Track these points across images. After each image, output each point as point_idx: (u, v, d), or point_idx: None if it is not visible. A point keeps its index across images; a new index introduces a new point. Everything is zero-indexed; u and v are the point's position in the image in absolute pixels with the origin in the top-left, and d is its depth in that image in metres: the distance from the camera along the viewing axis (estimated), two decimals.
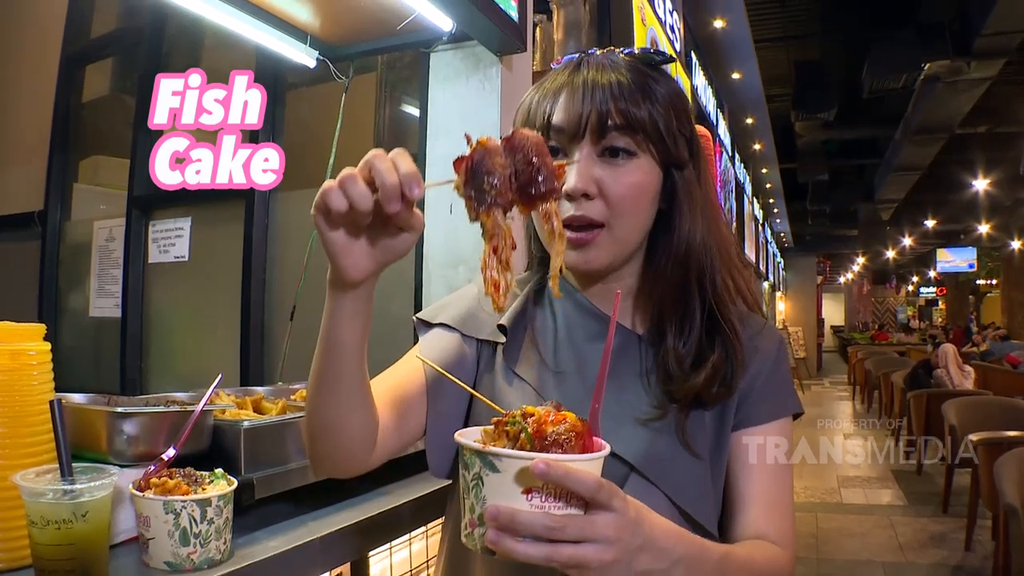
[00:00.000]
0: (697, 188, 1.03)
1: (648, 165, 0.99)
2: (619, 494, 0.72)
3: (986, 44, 9.09)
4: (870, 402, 12.26)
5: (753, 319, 1.08)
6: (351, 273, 0.80)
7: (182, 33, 3.33)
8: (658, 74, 1.03)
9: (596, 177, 0.96)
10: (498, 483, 0.69)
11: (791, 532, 1.00)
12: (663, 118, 0.98)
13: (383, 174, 0.72)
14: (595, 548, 0.70)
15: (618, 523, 0.71)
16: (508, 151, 0.75)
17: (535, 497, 0.69)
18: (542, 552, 0.69)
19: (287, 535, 1.20)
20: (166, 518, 1.01)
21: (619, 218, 0.97)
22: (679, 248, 1.01)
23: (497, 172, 0.73)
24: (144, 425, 1.15)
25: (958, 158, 14.80)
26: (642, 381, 1.01)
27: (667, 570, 0.77)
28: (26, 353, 1.06)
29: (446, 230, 2.33)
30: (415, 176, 0.73)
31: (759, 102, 10.91)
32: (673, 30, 5.27)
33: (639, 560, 0.74)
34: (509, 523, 0.68)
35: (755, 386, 1.02)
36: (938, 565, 4.90)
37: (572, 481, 0.68)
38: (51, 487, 0.93)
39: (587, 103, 0.96)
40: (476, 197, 0.74)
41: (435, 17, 2.14)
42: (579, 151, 0.97)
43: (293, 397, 1.70)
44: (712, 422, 1.00)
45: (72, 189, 3.55)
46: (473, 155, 0.74)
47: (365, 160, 0.74)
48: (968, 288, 29.05)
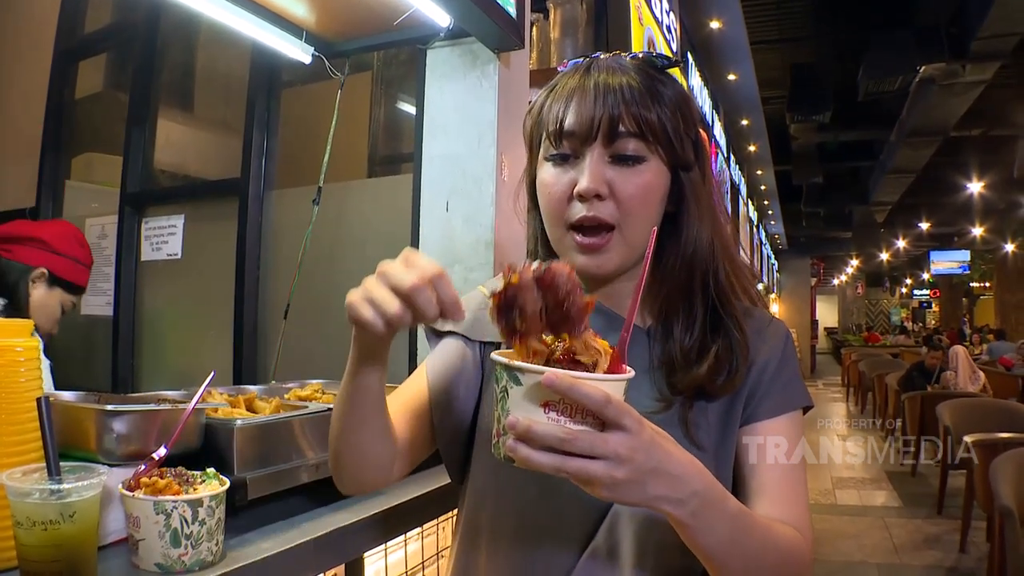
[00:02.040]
0: (703, 189, 1.04)
1: (657, 167, 1.00)
2: (632, 414, 0.73)
3: (981, 47, 9.11)
4: (864, 404, 12.30)
5: (759, 314, 1.08)
6: (371, 358, 0.90)
7: (177, 29, 3.32)
8: (665, 77, 1.03)
9: (608, 178, 0.98)
10: (520, 396, 0.73)
11: (807, 522, 0.98)
12: (671, 121, 0.99)
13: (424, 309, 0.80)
14: (605, 465, 0.72)
15: (630, 443, 0.73)
16: (540, 287, 0.78)
17: (552, 411, 0.72)
18: (553, 462, 0.72)
19: (281, 536, 1.17)
20: (156, 519, 0.99)
21: (629, 218, 0.98)
22: (687, 249, 1.03)
23: (529, 308, 0.77)
24: (134, 423, 1.13)
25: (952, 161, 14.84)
26: (649, 377, 1.02)
27: (683, 500, 0.78)
28: (13, 349, 1.03)
29: (442, 229, 2.32)
30: (456, 306, 0.81)
31: (754, 104, 10.94)
32: (670, 30, 5.26)
33: (653, 484, 0.75)
34: (526, 433, 0.72)
35: (763, 380, 1.02)
36: (933, 567, 4.90)
37: (577, 393, 0.70)
38: (38, 487, 0.91)
39: (599, 106, 0.97)
40: (507, 329, 0.79)
41: (432, 13, 2.13)
42: (590, 153, 0.98)
43: (287, 396, 1.68)
44: (717, 415, 1.00)
45: (64, 186, 3.53)
46: (507, 291, 0.78)
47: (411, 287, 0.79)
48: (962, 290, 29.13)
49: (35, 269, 2.14)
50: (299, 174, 2.85)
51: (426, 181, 2.36)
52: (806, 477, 1.02)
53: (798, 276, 24.93)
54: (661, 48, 4.84)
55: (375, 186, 2.76)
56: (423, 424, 1.08)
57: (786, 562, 0.93)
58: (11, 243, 2.15)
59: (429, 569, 1.68)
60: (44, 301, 2.13)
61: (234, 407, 1.47)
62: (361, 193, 2.68)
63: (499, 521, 1.04)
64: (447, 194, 2.32)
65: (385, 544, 1.49)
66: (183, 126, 3.52)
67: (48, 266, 2.15)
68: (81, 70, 3.64)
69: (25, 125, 3.56)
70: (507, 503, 1.04)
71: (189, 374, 2.92)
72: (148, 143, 3.23)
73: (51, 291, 2.17)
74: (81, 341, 3.29)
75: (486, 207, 2.26)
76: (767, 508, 0.97)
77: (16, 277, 2.11)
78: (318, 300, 2.57)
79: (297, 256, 2.58)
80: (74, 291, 2.24)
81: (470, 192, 2.29)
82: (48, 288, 2.16)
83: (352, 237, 2.59)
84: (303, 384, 1.86)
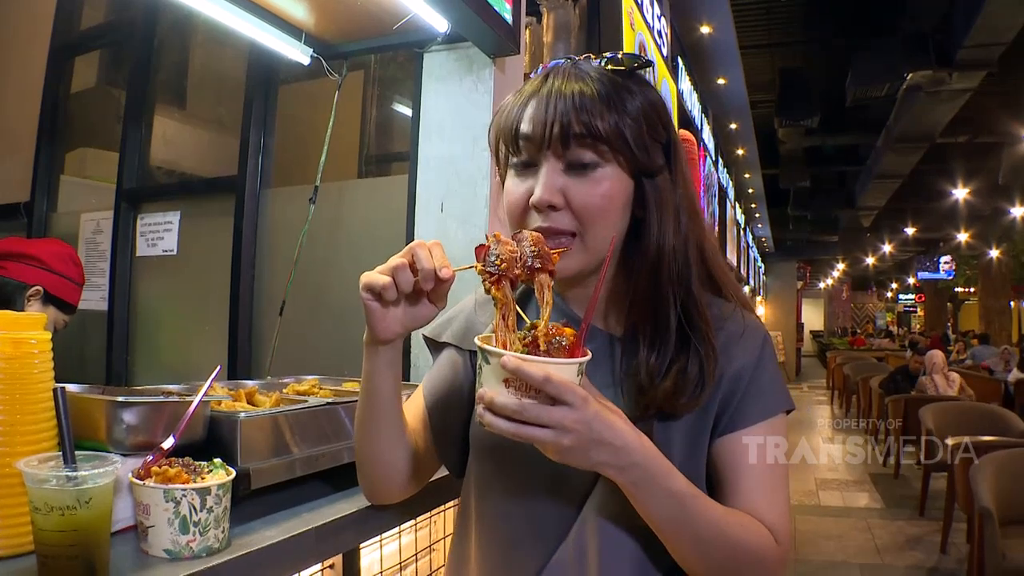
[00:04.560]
0: (671, 194, 1.03)
1: (616, 174, 0.99)
2: (575, 391, 0.83)
3: (968, 56, 9.20)
4: (848, 406, 12.39)
5: (734, 320, 1.06)
6: (383, 335, 1.00)
7: (174, 26, 3.33)
8: (633, 82, 1.02)
9: (561, 187, 0.98)
10: (489, 373, 0.87)
11: (782, 525, 0.99)
12: (631, 128, 0.98)
13: (422, 260, 0.94)
14: (552, 433, 0.83)
15: (573, 415, 0.83)
16: (516, 241, 0.94)
17: (511, 387, 0.85)
18: (511, 428, 0.84)
19: (283, 525, 1.21)
20: (166, 506, 1.02)
21: (588, 227, 0.98)
22: (650, 255, 1.02)
23: (507, 255, 0.92)
24: (143, 415, 1.16)
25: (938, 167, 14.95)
26: (615, 390, 1.03)
27: (623, 468, 0.88)
28: (28, 342, 1.06)
29: (437, 229, 2.35)
30: (446, 262, 0.95)
31: (743, 108, 10.99)
32: (661, 35, 5.31)
33: (596, 452, 0.86)
34: (490, 403, 0.85)
35: (737, 389, 1.01)
36: (914, 567, 4.97)
37: (523, 373, 0.82)
38: (55, 473, 0.94)
39: (549, 113, 0.97)
40: (491, 272, 0.92)
41: (431, 18, 2.16)
42: (545, 163, 0.99)
43: (285, 391, 1.71)
44: (684, 432, 1.00)
45: (59, 181, 3.53)
46: (489, 244, 0.93)
47: (409, 249, 0.95)
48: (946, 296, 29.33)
49: (30, 287, 2.15)
50: (295, 172, 2.88)
51: (422, 182, 2.40)
52: (787, 482, 1.03)
53: (784, 279, 25.05)
54: (652, 53, 4.89)
55: (371, 186, 2.79)
56: (428, 435, 1.18)
57: (745, 554, 0.95)
58: (6, 260, 2.16)
59: (422, 561, 1.72)
60: None
61: (236, 401, 1.51)
62: (357, 193, 2.71)
63: (485, 519, 1.09)
64: (442, 195, 2.36)
65: (380, 536, 1.53)
66: (179, 123, 3.54)
67: (43, 284, 2.16)
68: (76, 66, 3.65)
69: (20, 120, 3.57)
70: (492, 502, 1.09)
71: (183, 370, 2.94)
72: (144, 139, 3.24)
73: (45, 309, 2.18)
74: (75, 336, 3.30)
75: (480, 208, 2.30)
76: (741, 508, 0.98)
77: (11, 294, 2.11)
78: (314, 297, 2.60)
79: (293, 254, 2.61)
80: (67, 310, 2.26)
81: (465, 194, 2.33)
82: (42, 306, 2.17)
83: (348, 236, 2.62)
84: (300, 379, 1.89)
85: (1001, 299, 21.68)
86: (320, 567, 1.36)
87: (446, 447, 1.17)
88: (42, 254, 2.19)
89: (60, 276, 2.20)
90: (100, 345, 3.14)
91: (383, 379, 1.04)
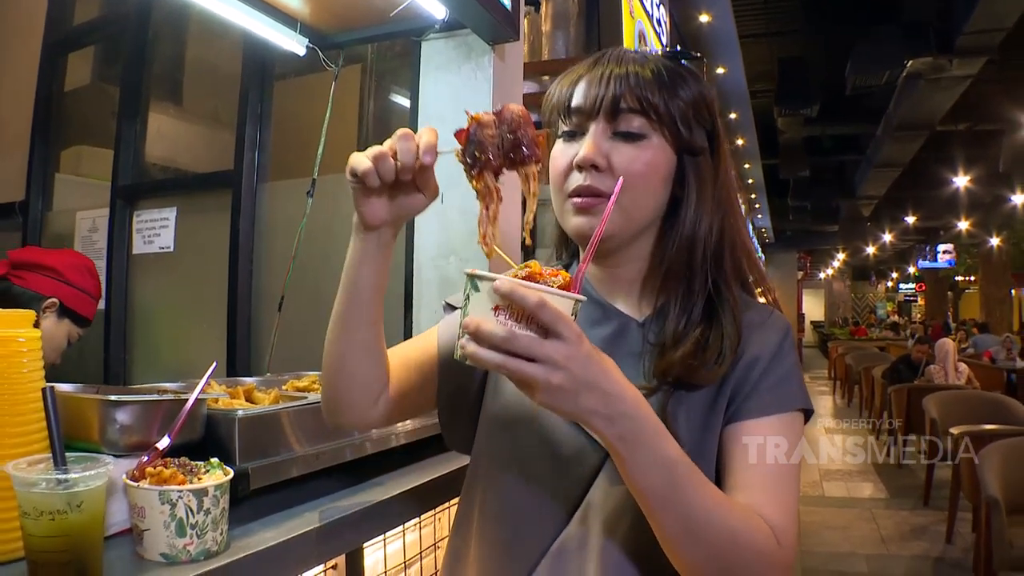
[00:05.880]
0: (711, 177, 1.05)
1: (660, 145, 1.01)
2: (570, 324, 0.78)
3: (968, 42, 9.19)
4: (850, 397, 12.39)
5: (760, 309, 1.07)
6: (370, 219, 0.96)
7: (168, 21, 3.30)
8: (687, 72, 1.05)
9: (606, 151, 0.99)
10: (477, 301, 0.80)
11: (786, 525, 0.92)
12: (679, 106, 1.01)
13: (402, 153, 0.89)
14: (542, 368, 0.77)
15: (566, 350, 0.77)
16: (498, 124, 0.90)
17: (501, 315, 0.78)
18: (496, 359, 0.77)
19: (283, 526, 1.18)
20: (162, 508, 0.99)
21: (628, 190, 0.96)
22: (684, 231, 1.03)
23: (488, 141, 0.88)
24: (138, 414, 1.13)
25: (939, 155, 14.95)
26: (638, 362, 1.02)
27: (612, 418, 0.81)
28: (16, 340, 1.03)
29: (438, 220, 2.32)
30: (430, 147, 0.89)
31: (743, 97, 10.98)
32: (660, 24, 5.27)
33: (585, 396, 0.79)
34: (476, 330, 0.78)
35: (750, 377, 0.98)
36: (919, 557, 4.96)
37: (517, 296, 0.76)
38: (44, 476, 0.90)
39: (603, 87, 1.00)
40: (471, 163, 0.89)
41: (428, 5, 2.13)
42: (593, 127, 1.00)
43: (284, 387, 1.68)
44: (700, 408, 0.98)
45: (54, 179, 3.50)
46: (469, 128, 0.89)
47: (396, 136, 0.90)
48: (947, 284, 29.34)
49: (47, 299, 2.11)
50: (292, 166, 2.84)
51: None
52: (795, 482, 0.97)
53: (785, 270, 25.11)
54: (651, 41, 4.85)
55: None
56: (423, 381, 1.13)
57: (740, 547, 0.88)
58: (23, 270, 2.12)
59: (427, 559, 1.69)
60: (52, 332, 2.09)
61: (233, 398, 1.48)
62: None
63: (487, 504, 1.07)
64: (443, 186, 2.30)
65: (384, 535, 1.50)
66: (174, 118, 3.50)
67: (59, 296, 2.12)
68: (70, 62, 3.62)
69: (14, 118, 3.54)
70: (495, 487, 1.07)
71: (181, 367, 2.91)
72: (139, 136, 3.20)
73: (60, 322, 2.14)
74: None
75: None
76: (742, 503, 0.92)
77: (27, 304, 2.06)
78: (312, 292, 2.57)
79: (291, 249, 2.58)
80: (81, 323, 2.22)
81: (465, 183, 2.27)
82: (57, 319, 2.13)
83: (347, 230, 2.57)
84: (299, 375, 1.86)
85: (1002, 287, 21.71)
86: (322, 568, 1.33)
87: (454, 415, 1.14)
88: (59, 265, 2.15)
89: (77, 289, 2.17)
90: (97, 344, 3.10)
91: (365, 272, 1.00)
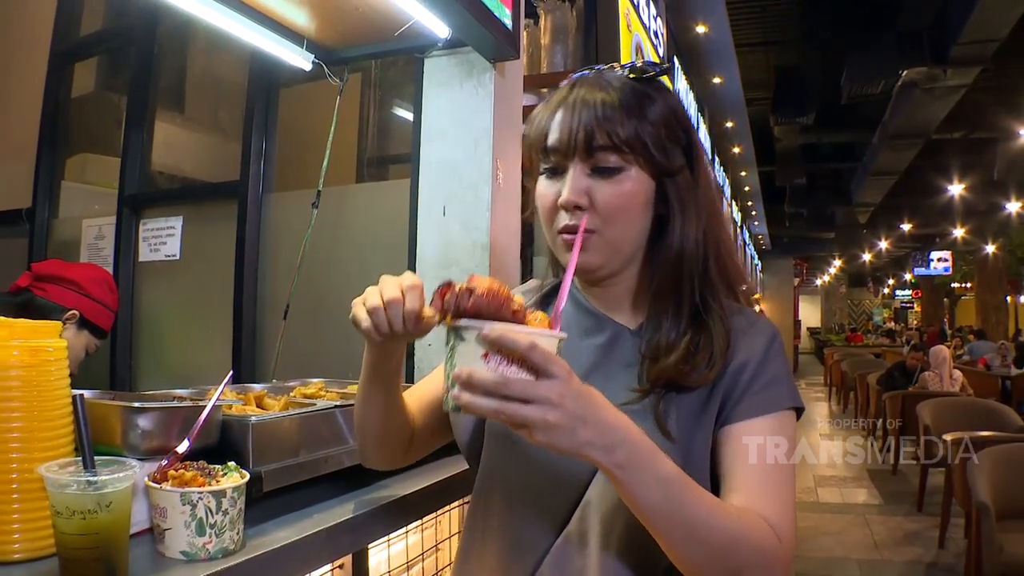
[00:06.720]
0: (693, 193, 1.09)
1: (637, 175, 1.05)
2: (560, 363, 0.81)
3: (962, 52, 9.26)
4: (846, 403, 12.43)
5: (746, 314, 1.11)
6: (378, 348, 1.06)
7: (174, 32, 3.35)
8: (653, 89, 1.08)
9: (586, 188, 1.04)
10: (464, 350, 0.82)
11: (785, 523, 0.96)
12: (651, 134, 1.05)
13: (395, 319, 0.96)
14: (538, 409, 0.79)
15: (560, 389, 0.80)
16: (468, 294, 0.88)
17: (492, 360, 0.80)
18: (492, 405, 0.79)
19: (295, 526, 1.23)
20: (183, 509, 1.05)
21: (610, 225, 1.04)
22: (673, 248, 1.08)
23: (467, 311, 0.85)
24: (158, 420, 1.19)
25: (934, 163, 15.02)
26: (630, 371, 1.06)
27: (608, 447, 0.84)
28: (45, 349, 1.08)
29: (439, 232, 2.37)
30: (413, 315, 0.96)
31: (739, 106, 11.03)
32: (657, 36, 5.34)
33: (582, 430, 0.82)
34: (468, 380, 0.80)
35: (740, 381, 1.02)
36: (912, 563, 5.01)
37: (507, 341, 0.79)
38: (75, 478, 0.96)
39: (575, 122, 1.04)
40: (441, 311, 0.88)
41: (432, 24, 2.18)
42: (572, 167, 1.05)
43: (292, 394, 1.73)
44: (690, 408, 1.02)
45: (60, 187, 3.54)
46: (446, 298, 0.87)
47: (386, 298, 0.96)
48: (943, 291, 29.40)
49: (68, 310, 2.17)
50: (298, 177, 2.89)
51: (424, 186, 2.42)
52: (791, 480, 1.00)
53: (781, 276, 25.14)
54: (648, 53, 4.91)
55: (373, 190, 2.81)
56: (438, 417, 1.22)
57: (743, 546, 0.91)
58: (46, 282, 2.18)
59: (428, 560, 1.74)
60: (72, 343, 2.12)
61: (246, 405, 1.53)
62: (359, 197, 2.72)
63: (492, 507, 1.12)
64: (444, 199, 2.38)
65: (388, 536, 1.56)
66: (180, 128, 3.55)
67: (79, 308, 2.19)
68: (76, 72, 3.65)
69: (21, 126, 3.57)
70: (499, 491, 1.12)
71: (188, 374, 2.95)
72: (145, 145, 3.25)
73: (79, 333, 2.20)
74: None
75: (482, 212, 2.32)
76: (740, 503, 0.96)
77: (48, 315, 2.11)
78: (317, 301, 2.62)
79: (296, 258, 2.62)
80: (99, 335, 2.28)
81: (466, 197, 2.35)
82: (77, 330, 2.20)
83: (351, 240, 2.64)
84: (305, 382, 1.92)
85: (997, 294, 21.76)
86: (330, 567, 1.39)
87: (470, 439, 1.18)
88: (80, 278, 2.21)
89: (96, 302, 2.23)
90: (104, 350, 3.13)
91: (381, 367, 1.09)
